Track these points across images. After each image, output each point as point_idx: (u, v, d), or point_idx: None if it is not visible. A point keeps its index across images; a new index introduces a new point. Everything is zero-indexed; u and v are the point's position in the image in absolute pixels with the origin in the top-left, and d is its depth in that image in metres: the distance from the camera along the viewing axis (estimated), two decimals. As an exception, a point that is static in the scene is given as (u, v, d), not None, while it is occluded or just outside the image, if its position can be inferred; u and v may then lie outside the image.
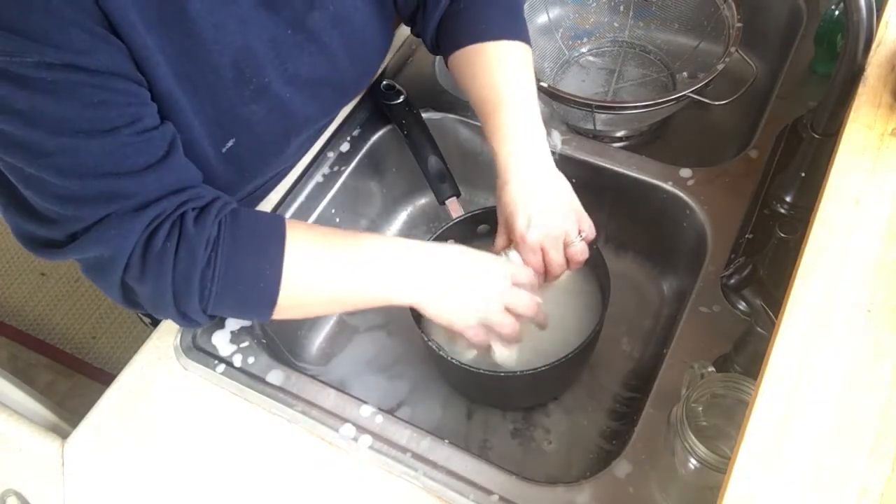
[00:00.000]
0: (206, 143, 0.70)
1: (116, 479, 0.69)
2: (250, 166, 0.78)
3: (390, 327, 0.91)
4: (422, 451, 0.67)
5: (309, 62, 0.75)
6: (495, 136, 0.74)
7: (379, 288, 0.66)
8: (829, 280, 0.52)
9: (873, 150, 0.59)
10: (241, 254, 0.63)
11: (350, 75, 0.82)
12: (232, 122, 0.71)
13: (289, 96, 0.75)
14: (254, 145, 0.75)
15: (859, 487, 0.44)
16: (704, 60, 1.00)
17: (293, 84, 0.75)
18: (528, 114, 0.74)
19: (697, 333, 0.71)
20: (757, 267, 0.70)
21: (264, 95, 0.72)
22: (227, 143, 0.72)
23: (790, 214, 0.79)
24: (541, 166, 0.73)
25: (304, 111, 0.78)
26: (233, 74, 0.68)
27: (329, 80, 0.79)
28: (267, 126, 0.75)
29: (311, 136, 0.89)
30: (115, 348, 1.85)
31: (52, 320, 1.90)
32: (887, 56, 0.65)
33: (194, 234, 0.61)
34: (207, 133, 0.69)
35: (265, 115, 0.73)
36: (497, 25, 0.78)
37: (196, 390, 0.74)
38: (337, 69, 0.79)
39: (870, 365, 0.49)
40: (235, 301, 0.64)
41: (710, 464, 0.54)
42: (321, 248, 0.66)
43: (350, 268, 0.66)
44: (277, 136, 0.78)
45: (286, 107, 0.75)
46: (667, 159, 0.85)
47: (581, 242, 0.74)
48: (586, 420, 0.81)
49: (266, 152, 0.79)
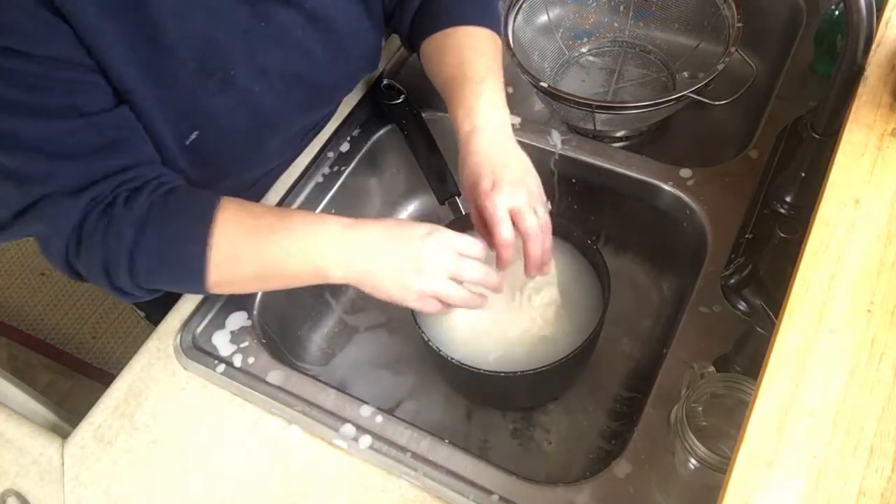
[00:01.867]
0: (168, 134, 0.69)
1: (116, 479, 0.69)
2: (218, 162, 0.77)
3: (391, 326, 0.91)
4: (422, 451, 0.67)
5: (281, 57, 0.74)
6: (459, 111, 0.75)
7: (308, 264, 0.65)
8: (829, 280, 0.52)
9: (873, 150, 0.59)
10: (168, 233, 0.64)
11: (329, 76, 0.81)
12: (195, 113, 0.70)
13: (258, 90, 0.74)
14: (220, 140, 0.74)
15: (859, 487, 0.44)
16: (704, 60, 1.00)
17: (264, 78, 0.74)
18: (493, 92, 0.75)
19: (697, 333, 0.71)
20: (757, 267, 0.70)
21: (230, 88, 0.71)
22: (190, 136, 0.71)
23: (790, 214, 0.79)
24: (505, 141, 0.74)
25: (276, 108, 0.77)
26: (195, 65, 0.67)
27: (306, 79, 0.78)
28: (234, 120, 0.74)
29: (295, 137, 0.87)
30: (115, 348, 1.85)
31: (52, 320, 1.90)
32: (887, 56, 0.65)
33: (124, 215, 0.63)
34: (170, 123, 0.69)
35: (231, 108, 0.72)
36: (468, 13, 0.81)
37: (196, 390, 0.74)
38: (314, 67, 0.78)
39: (870, 365, 0.49)
40: (168, 278, 0.67)
41: (710, 464, 0.54)
42: (250, 226, 0.66)
43: (278, 245, 0.65)
44: (248, 132, 0.77)
45: (256, 101, 0.74)
46: (667, 159, 0.85)
47: (545, 214, 0.72)
48: (586, 420, 0.81)
49: (236, 149, 0.77)
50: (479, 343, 0.78)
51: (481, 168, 0.71)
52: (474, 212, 0.74)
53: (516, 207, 0.69)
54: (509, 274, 0.79)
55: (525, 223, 0.70)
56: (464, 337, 0.78)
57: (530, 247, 0.71)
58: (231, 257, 0.65)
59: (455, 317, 0.79)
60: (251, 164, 0.83)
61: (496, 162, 0.71)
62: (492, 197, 0.69)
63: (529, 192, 0.71)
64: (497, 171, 0.70)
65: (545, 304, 0.78)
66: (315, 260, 0.65)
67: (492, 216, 0.69)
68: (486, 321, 0.78)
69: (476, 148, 0.72)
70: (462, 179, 0.74)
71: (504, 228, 0.69)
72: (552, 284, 0.79)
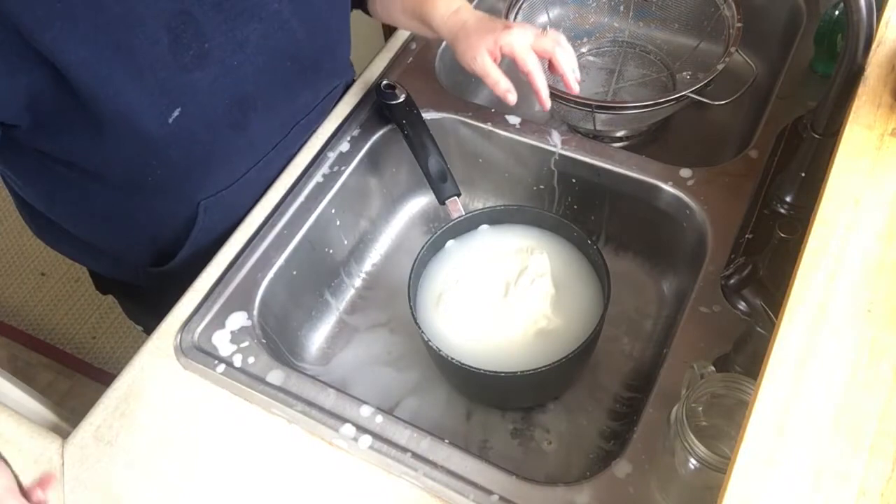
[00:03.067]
0: (149, 114, 0.69)
1: (116, 479, 0.69)
2: (203, 141, 0.77)
3: (392, 325, 0.91)
4: (422, 451, 0.67)
5: (259, 29, 0.75)
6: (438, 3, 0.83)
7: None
8: (829, 280, 0.52)
9: (873, 150, 0.59)
10: None
11: (308, 48, 0.82)
12: (175, 90, 0.70)
13: (237, 64, 0.74)
14: (202, 116, 0.74)
15: (859, 487, 0.44)
16: (704, 60, 1.01)
17: (242, 51, 0.74)
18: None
19: (697, 333, 0.71)
20: (757, 267, 0.70)
21: (207, 61, 0.71)
22: (172, 114, 0.71)
23: (790, 214, 0.79)
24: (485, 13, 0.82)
25: (257, 82, 0.78)
26: (168, 40, 0.67)
27: (285, 52, 0.79)
28: (214, 95, 0.74)
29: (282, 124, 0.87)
30: (115, 348, 1.85)
31: (52, 320, 1.90)
32: (887, 56, 0.65)
33: None
34: (149, 102, 0.69)
35: (211, 82, 0.72)
36: None
37: (196, 390, 0.74)
38: (292, 40, 0.79)
39: (870, 365, 0.49)
40: None
41: (710, 464, 0.54)
42: None
43: None
44: (229, 108, 0.77)
45: (235, 75, 0.74)
46: (667, 159, 0.85)
47: (550, 29, 0.80)
48: (586, 420, 0.81)
49: (218, 126, 0.77)
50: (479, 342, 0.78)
51: (485, 23, 0.79)
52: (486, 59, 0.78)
53: (532, 39, 0.77)
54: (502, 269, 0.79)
55: (546, 43, 0.77)
56: (464, 336, 0.78)
57: (559, 57, 0.78)
58: None
59: (455, 316, 0.79)
60: (237, 148, 0.82)
61: (495, 19, 0.80)
62: (511, 33, 0.77)
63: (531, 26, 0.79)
64: (499, 21, 0.79)
65: (541, 297, 0.78)
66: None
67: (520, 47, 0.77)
68: (484, 318, 0.78)
69: (470, 15, 0.81)
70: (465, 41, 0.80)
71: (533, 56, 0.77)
72: (545, 276, 0.79)
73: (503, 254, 0.84)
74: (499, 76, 0.78)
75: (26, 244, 2.06)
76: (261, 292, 0.80)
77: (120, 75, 0.65)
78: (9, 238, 2.08)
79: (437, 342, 0.74)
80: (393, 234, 1.01)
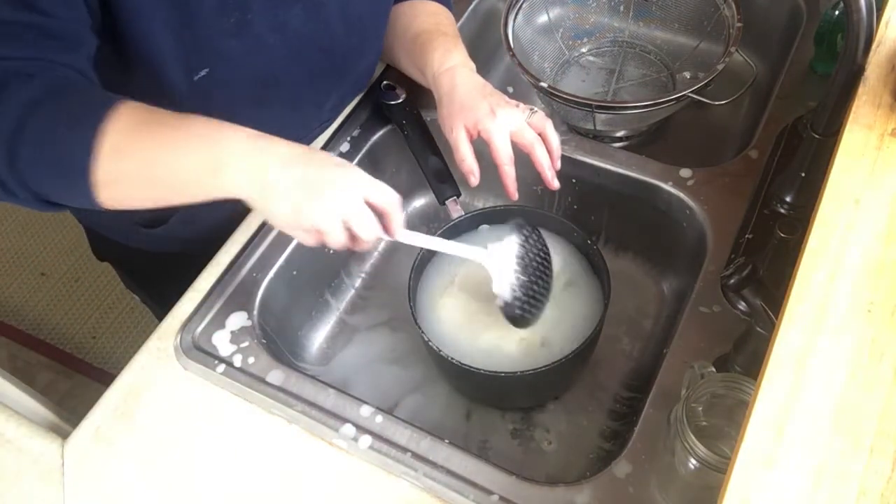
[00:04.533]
0: (176, 65, 0.69)
1: (116, 479, 0.69)
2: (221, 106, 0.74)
3: (393, 324, 0.91)
4: (422, 451, 0.67)
5: (301, 15, 0.75)
6: (436, 53, 0.81)
7: (200, 167, 0.59)
8: (829, 280, 0.52)
9: (873, 150, 0.59)
10: (58, 120, 0.59)
11: (342, 45, 0.82)
12: (208, 50, 0.70)
13: (272, 42, 0.74)
14: (227, 82, 0.74)
15: (859, 487, 0.44)
16: (704, 60, 1.01)
17: (280, 32, 0.74)
18: (462, 46, 0.84)
19: (697, 333, 0.71)
20: (757, 267, 0.70)
21: (245, 33, 0.71)
22: (199, 72, 0.71)
23: (790, 214, 0.79)
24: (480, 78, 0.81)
25: (286, 65, 0.78)
26: (215, 2, 0.67)
27: (319, 43, 0.79)
28: (243, 65, 0.74)
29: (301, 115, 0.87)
30: (115, 348, 1.85)
31: (52, 320, 1.90)
32: (887, 56, 0.65)
33: (15, 92, 0.58)
34: (181, 56, 0.69)
35: (243, 53, 0.73)
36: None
37: (196, 390, 0.74)
38: (329, 33, 0.79)
39: (870, 365, 0.49)
40: (50, 170, 0.60)
41: (710, 464, 0.54)
42: (145, 118, 0.60)
43: (173, 138, 0.59)
44: (255, 82, 0.77)
45: (268, 53, 0.75)
46: (667, 159, 0.85)
47: (537, 112, 0.78)
48: (586, 420, 0.81)
49: (240, 97, 0.77)
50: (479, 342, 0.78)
51: (474, 95, 0.77)
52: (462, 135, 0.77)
53: (515, 127, 0.76)
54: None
55: (527, 137, 0.77)
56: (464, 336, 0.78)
57: (538, 154, 0.77)
58: (119, 150, 0.58)
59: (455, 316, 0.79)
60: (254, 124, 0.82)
61: (486, 91, 0.78)
62: (495, 120, 0.75)
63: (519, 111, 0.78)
64: (488, 98, 0.77)
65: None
66: (215, 162, 0.59)
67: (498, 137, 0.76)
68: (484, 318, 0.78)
69: (461, 80, 0.79)
70: (448, 107, 0.78)
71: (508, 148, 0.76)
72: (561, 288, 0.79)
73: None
74: (466, 154, 0.78)
75: (26, 244, 2.06)
76: (261, 292, 0.80)
77: (161, 20, 0.65)
78: (9, 238, 2.08)
79: (437, 342, 0.74)
80: (393, 234, 1.01)
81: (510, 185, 0.79)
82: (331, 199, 0.60)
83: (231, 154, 0.59)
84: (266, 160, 0.59)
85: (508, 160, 0.77)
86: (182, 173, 0.59)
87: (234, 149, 0.59)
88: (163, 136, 0.59)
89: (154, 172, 0.60)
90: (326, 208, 0.60)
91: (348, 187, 0.61)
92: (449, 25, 0.88)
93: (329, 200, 0.60)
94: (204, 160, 0.59)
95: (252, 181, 0.59)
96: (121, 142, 0.58)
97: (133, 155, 0.59)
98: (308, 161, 0.61)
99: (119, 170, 0.59)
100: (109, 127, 0.58)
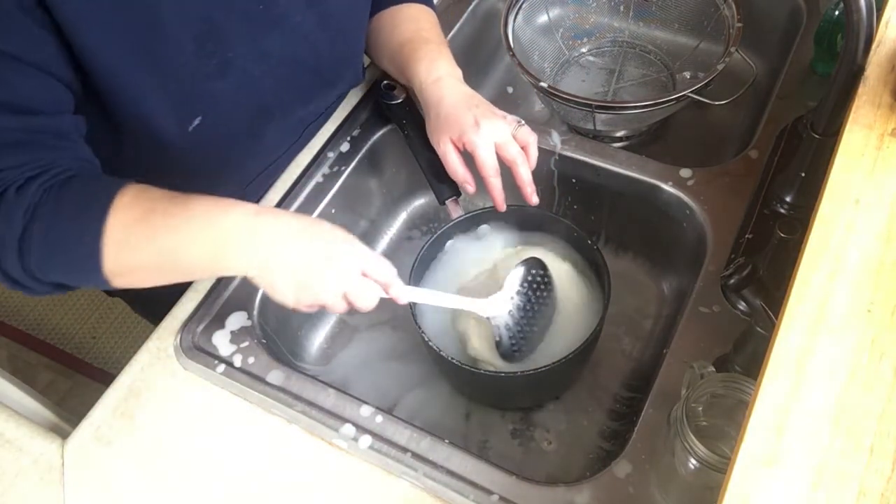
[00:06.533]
0: (170, 121, 0.69)
1: (116, 479, 0.69)
2: (221, 149, 0.77)
3: (393, 323, 0.91)
4: (422, 451, 0.67)
5: (282, 41, 0.74)
6: (421, 64, 0.81)
7: (206, 250, 0.61)
8: (829, 280, 0.52)
9: (873, 150, 0.59)
10: (61, 219, 0.60)
11: (328, 60, 0.82)
12: (197, 98, 0.70)
13: (259, 74, 0.74)
14: (222, 125, 0.74)
15: (859, 487, 0.44)
16: (704, 60, 1.01)
17: (265, 62, 0.74)
18: (450, 56, 0.83)
19: (697, 333, 0.71)
20: (757, 267, 0.70)
21: (230, 71, 0.71)
22: (193, 122, 0.71)
23: (790, 214, 0.79)
24: (468, 88, 0.80)
25: (277, 93, 0.78)
26: (193, 47, 0.67)
27: (306, 64, 0.79)
28: (235, 105, 0.74)
29: (294, 127, 0.87)
30: (115, 348, 1.85)
31: (52, 320, 1.90)
32: (887, 56, 0.65)
33: (13, 201, 0.60)
34: (171, 109, 0.69)
35: (233, 92, 0.73)
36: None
37: (196, 390, 0.74)
38: (313, 52, 0.79)
39: (870, 365, 0.49)
40: (62, 267, 0.62)
41: (710, 464, 0.54)
42: (146, 209, 0.61)
43: (176, 230, 0.61)
44: (249, 117, 0.77)
45: (256, 85, 0.75)
46: (667, 159, 0.85)
47: (524, 126, 0.78)
48: (586, 420, 0.81)
49: (237, 135, 0.78)
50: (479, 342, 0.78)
51: (459, 108, 0.77)
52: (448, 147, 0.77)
53: (500, 139, 0.75)
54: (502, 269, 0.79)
55: (510, 152, 0.76)
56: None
57: (520, 170, 0.76)
58: (125, 244, 0.60)
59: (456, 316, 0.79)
60: (252, 154, 0.83)
61: (472, 103, 0.77)
62: (479, 133, 0.75)
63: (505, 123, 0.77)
64: (473, 110, 0.76)
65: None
66: (215, 246, 0.60)
67: (483, 150, 0.75)
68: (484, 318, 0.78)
69: (448, 91, 0.78)
70: (435, 120, 0.78)
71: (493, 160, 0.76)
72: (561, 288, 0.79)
73: (502, 254, 0.84)
74: (457, 167, 0.78)
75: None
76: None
77: (144, 79, 0.65)
78: (9, 238, 2.08)
79: (437, 342, 0.74)
80: (393, 234, 1.01)
81: (497, 196, 0.78)
82: (331, 278, 0.61)
83: (231, 237, 0.60)
84: (267, 241, 0.61)
85: (494, 172, 0.76)
86: (188, 259, 0.61)
87: (234, 231, 0.60)
88: (165, 225, 0.60)
89: (162, 261, 0.62)
90: (327, 287, 0.62)
91: (348, 265, 0.62)
92: (431, 29, 0.87)
93: (330, 279, 0.61)
94: (206, 246, 0.60)
95: (253, 263, 0.61)
96: (126, 237, 0.60)
97: (139, 248, 0.60)
98: (308, 238, 0.62)
99: (128, 262, 0.61)
100: (113, 221, 0.60)
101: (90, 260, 0.60)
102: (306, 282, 0.61)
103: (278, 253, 0.61)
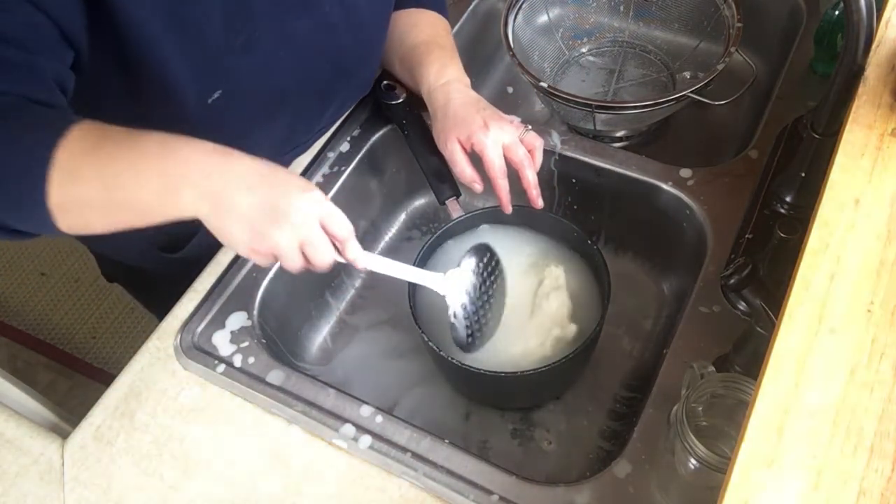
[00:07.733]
0: (191, 90, 0.69)
1: (116, 479, 0.69)
2: (234, 126, 0.76)
3: (394, 322, 0.91)
4: (422, 451, 0.67)
5: (308, 27, 0.75)
6: (432, 67, 0.82)
7: (151, 186, 0.57)
8: (829, 280, 0.52)
9: (873, 150, 0.59)
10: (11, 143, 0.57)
11: (349, 53, 0.82)
12: (219, 71, 0.71)
13: (281, 56, 0.75)
14: (240, 102, 0.75)
15: (859, 487, 0.44)
16: (704, 60, 1.01)
17: (289, 45, 0.74)
18: (458, 61, 0.85)
19: (697, 333, 0.71)
20: (757, 267, 0.70)
21: (254, 50, 0.71)
22: (212, 95, 0.71)
23: (790, 214, 0.79)
24: (475, 93, 0.82)
25: (296, 78, 0.78)
26: (222, 21, 0.67)
27: (327, 53, 0.79)
28: (255, 83, 0.74)
29: (303, 119, 0.87)
30: (115, 348, 1.85)
31: (52, 320, 1.90)
32: (887, 56, 0.65)
33: None
34: (193, 79, 0.69)
35: (254, 70, 0.73)
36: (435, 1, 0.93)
37: (196, 390, 0.74)
38: (336, 43, 0.79)
39: (870, 365, 0.49)
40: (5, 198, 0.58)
41: (710, 464, 0.54)
42: (99, 138, 0.58)
43: (122, 161, 0.57)
44: (266, 98, 0.77)
45: (278, 67, 0.75)
46: (667, 159, 0.85)
47: (531, 131, 0.79)
48: (586, 420, 0.81)
49: (252, 114, 0.78)
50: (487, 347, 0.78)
51: (468, 109, 0.78)
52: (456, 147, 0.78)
53: (508, 141, 0.76)
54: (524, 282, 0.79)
55: (518, 154, 0.77)
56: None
57: (527, 173, 0.77)
58: (71, 174, 0.56)
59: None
60: (262, 137, 0.82)
61: (479, 106, 0.79)
62: (488, 134, 0.76)
63: (512, 127, 0.78)
64: (482, 112, 0.78)
65: (555, 308, 0.78)
66: (165, 179, 0.57)
67: (491, 150, 0.76)
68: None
69: (456, 95, 0.80)
70: (442, 120, 0.79)
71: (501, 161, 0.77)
72: (561, 289, 0.79)
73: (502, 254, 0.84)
74: (464, 167, 0.79)
75: (26, 244, 2.06)
76: (261, 292, 0.80)
77: (172, 43, 0.65)
78: (9, 238, 2.08)
79: (437, 342, 0.74)
80: (393, 234, 1.01)
81: (504, 197, 0.79)
82: (288, 226, 0.58)
83: (182, 172, 0.57)
84: (224, 181, 0.57)
85: (502, 173, 0.77)
86: (135, 194, 0.57)
87: (191, 167, 0.57)
88: (118, 157, 0.57)
89: (108, 196, 0.58)
90: (284, 235, 0.59)
91: (306, 214, 0.59)
92: (446, 38, 0.88)
93: (286, 227, 0.58)
94: (155, 180, 0.57)
95: (208, 202, 0.57)
96: (75, 166, 0.56)
97: (86, 179, 0.57)
98: (268, 183, 0.59)
99: (75, 195, 0.57)
100: (63, 150, 0.56)
101: (35, 190, 0.56)
102: (261, 227, 0.58)
103: (232, 194, 0.57)
